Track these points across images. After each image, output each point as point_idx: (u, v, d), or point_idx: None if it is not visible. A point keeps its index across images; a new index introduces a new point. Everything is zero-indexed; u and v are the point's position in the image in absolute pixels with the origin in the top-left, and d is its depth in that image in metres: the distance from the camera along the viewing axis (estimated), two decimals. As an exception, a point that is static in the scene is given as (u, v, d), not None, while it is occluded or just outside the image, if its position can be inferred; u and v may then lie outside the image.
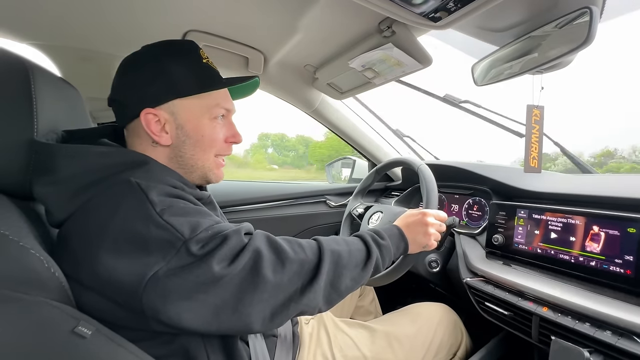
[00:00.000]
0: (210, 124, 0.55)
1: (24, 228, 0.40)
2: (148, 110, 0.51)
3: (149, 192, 0.43)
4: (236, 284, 0.42)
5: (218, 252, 0.42)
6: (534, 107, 0.74)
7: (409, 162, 0.91)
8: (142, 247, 0.40)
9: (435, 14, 0.58)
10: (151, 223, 0.40)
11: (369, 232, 0.63)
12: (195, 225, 0.43)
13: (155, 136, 0.51)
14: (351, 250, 0.55)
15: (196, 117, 0.54)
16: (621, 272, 0.59)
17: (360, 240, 0.59)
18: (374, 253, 0.58)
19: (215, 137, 0.56)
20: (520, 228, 0.79)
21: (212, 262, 0.41)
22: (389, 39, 0.74)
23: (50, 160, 0.44)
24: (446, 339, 0.80)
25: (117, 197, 0.43)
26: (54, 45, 0.86)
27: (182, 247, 0.40)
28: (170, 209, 0.42)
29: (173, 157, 0.54)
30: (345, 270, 0.53)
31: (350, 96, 1.12)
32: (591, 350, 0.56)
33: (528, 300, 0.68)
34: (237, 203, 1.25)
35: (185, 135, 0.53)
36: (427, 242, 0.69)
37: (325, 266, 0.50)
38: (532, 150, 0.74)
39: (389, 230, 0.66)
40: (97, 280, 0.40)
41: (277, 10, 0.73)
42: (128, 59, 0.54)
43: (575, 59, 0.69)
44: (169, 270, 0.39)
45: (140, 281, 0.39)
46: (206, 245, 0.42)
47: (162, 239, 0.40)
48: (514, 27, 0.68)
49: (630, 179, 0.78)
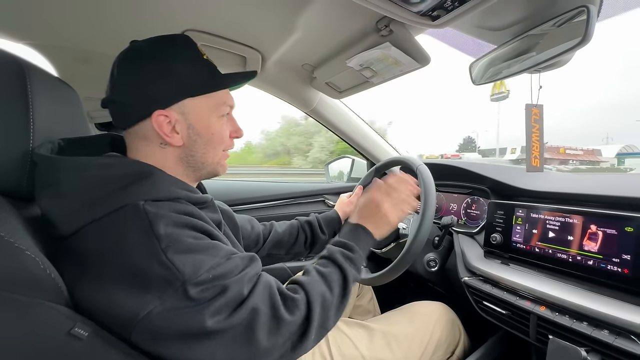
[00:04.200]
0: (218, 121, 0.55)
1: (19, 229, 0.40)
2: (160, 111, 0.49)
3: (155, 224, 0.41)
4: (227, 340, 0.42)
5: (214, 304, 0.41)
6: (532, 106, 0.74)
7: (407, 162, 0.91)
8: (142, 283, 0.39)
9: (432, 12, 0.58)
10: (154, 260, 0.40)
11: (339, 249, 0.60)
12: (198, 265, 0.41)
13: (167, 137, 0.50)
14: (332, 287, 0.54)
15: (205, 116, 0.53)
16: (619, 271, 0.59)
17: (336, 267, 0.57)
18: (351, 275, 0.57)
19: (223, 134, 0.57)
20: (519, 227, 0.79)
21: (206, 314, 0.40)
22: (386, 37, 0.74)
23: (52, 173, 0.44)
24: (444, 337, 0.80)
25: (125, 225, 0.42)
26: (51, 45, 0.85)
27: (180, 287, 0.39)
28: (175, 246, 0.41)
29: (183, 157, 0.53)
30: (332, 309, 0.53)
31: (348, 95, 1.12)
32: (588, 349, 0.56)
33: (526, 299, 0.68)
34: (235, 203, 1.25)
35: (196, 134, 0.53)
36: (395, 218, 0.67)
37: (315, 318, 0.49)
38: (534, 150, 0.74)
39: (355, 236, 0.63)
40: (95, 303, 0.40)
41: (275, 9, 0.72)
42: (127, 57, 0.51)
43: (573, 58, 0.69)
44: (164, 310, 0.39)
45: (133, 318, 0.38)
46: (205, 290, 0.41)
47: (162, 277, 0.39)
48: (512, 25, 0.68)
49: (627, 178, 0.79)
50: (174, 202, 0.47)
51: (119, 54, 0.52)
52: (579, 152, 34.17)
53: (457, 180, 1.12)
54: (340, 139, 1.36)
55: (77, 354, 0.37)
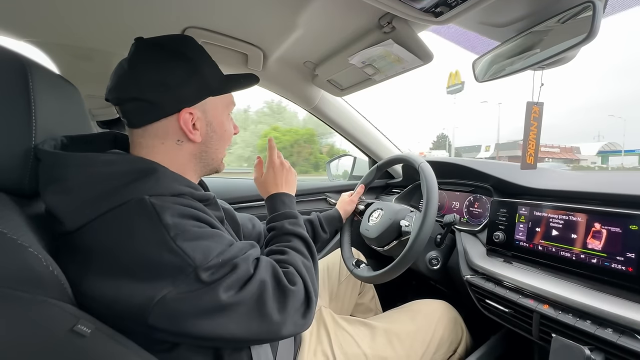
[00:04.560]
0: (228, 119, 0.60)
1: (22, 226, 0.40)
2: (187, 109, 0.52)
3: (163, 214, 0.43)
4: (241, 314, 0.44)
5: (226, 280, 0.43)
6: (533, 103, 0.73)
7: (409, 160, 0.90)
8: (153, 272, 0.41)
9: (436, 9, 0.57)
10: (164, 248, 0.41)
11: (283, 221, 0.67)
12: (207, 252, 0.43)
13: (190, 134, 0.53)
14: (304, 254, 0.61)
15: (220, 114, 0.58)
16: (623, 269, 0.59)
17: (293, 236, 0.64)
18: (306, 235, 0.65)
19: (231, 131, 0.62)
20: (522, 225, 0.79)
21: (220, 290, 0.42)
22: (389, 34, 0.74)
23: (57, 169, 0.44)
24: (446, 335, 0.80)
25: (132, 218, 0.43)
26: (52, 42, 0.85)
27: (191, 273, 0.41)
28: (183, 234, 0.43)
29: (197, 153, 0.56)
30: (314, 272, 0.59)
31: (350, 93, 1.11)
32: (592, 347, 0.55)
33: (529, 297, 0.68)
34: (236, 200, 1.25)
35: (213, 131, 0.57)
36: (282, 171, 0.76)
37: (310, 285, 0.54)
38: (530, 147, 0.74)
39: (278, 203, 0.71)
40: (102, 296, 0.40)
41: (277, 6, 0.72)
42: (148, 56, 0.51)
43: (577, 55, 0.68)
44: (178, 294, 0.40)
45: (148, 304, 0.39)
46: (216, 272, 0.43)
47: (173, 264, 0.41)
48: (516, 22, 0.67)
49: (632, 176, 0.78)
50: (177, 197, 0.48)
51: (131, 52, 0.52)
52: (555, 150, 33.03)
53: (459, 178, 1.11)
54: (343, 137, 1.36)
55: (80, 351, 0.37)
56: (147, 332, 0.41)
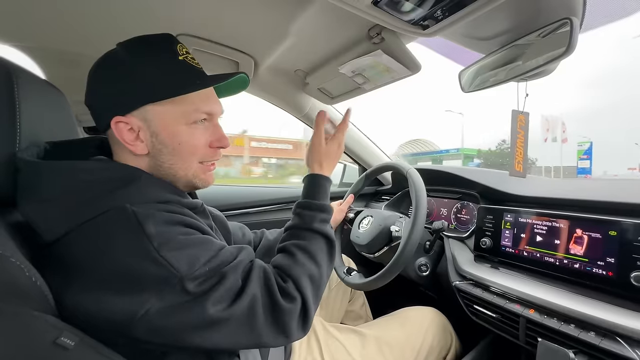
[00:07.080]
0: (188, 130, 0.50)
1: (4, 236, 0.38)
2: (118, 118, 0.46)
3: (145, 223, 0.40)
4: (231, 328, 0.42)
5: (214, 293, 0.41)
6: (519, 113, 0.76)
7: (397, 167, 0.92)
8: (136, 285, 0.39)
9: (423, 21, 0.59)
10: (147, 259, 0.39)
11: (310, 211, 0.61)
12: (193, 260, 0.41)
13: (129, 145, 0.47)
14: (319, 259, 0.56)
15: (171, 124, 0.49)
16: (603, 273, 0.61)
17: (319, 235, 0.59)
18: (332, 236, 0.60)
19: (194, 143, 0.51)
20: (507, 232, 0.80)
21: (208, 304, 0.40)
22: (378, 45, 0.75)
23: (33, 178, 0.42)
24: (436, 342, 0.80)
25: (113, 228, 0.40)
26: (39, 47, 0.84)
27: (177, 284, 0.39)
28: (168, 243, 0.40)
29: (154, 166, 0.50)
30: (322, 280, 0.55)
31: (340, 101, 1.13)
32: (576, 351, 0.57)
33: (515, 302, 0.69)
34: (226, 208, 1.24)
35: (160, 143, 0.49)
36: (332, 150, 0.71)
37: (309, 299, 0.50)
38: (517, 155, 0.76)
39: (318, 188, 0.65)
40: (85, 309, 0.39)
41: (268, 15, 0.73)
42: (98, 61, 0.49)
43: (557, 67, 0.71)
44: (162, 308, 0.38)
45: (130, 319, 0.38)
46: (203, 283, 0.41)
47: (157, 275, 0.39)
48: (499, 36, 0.70)
49: (612, 184, 0.81)
50: (164, 204, 0.46)
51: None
52: (288, 147, 22.80)
53: (447, 185, 1.13)
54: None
55: None
56: (133, 343, 0.40)
